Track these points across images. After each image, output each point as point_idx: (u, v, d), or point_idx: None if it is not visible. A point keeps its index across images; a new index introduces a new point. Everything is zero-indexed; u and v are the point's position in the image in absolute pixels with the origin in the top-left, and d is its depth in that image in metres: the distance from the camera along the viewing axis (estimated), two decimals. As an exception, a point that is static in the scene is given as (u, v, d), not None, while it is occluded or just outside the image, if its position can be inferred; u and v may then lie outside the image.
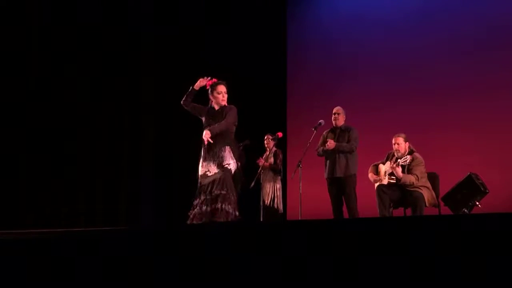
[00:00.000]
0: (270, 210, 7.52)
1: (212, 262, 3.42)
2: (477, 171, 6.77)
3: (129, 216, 8.42)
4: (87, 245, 3.92)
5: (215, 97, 5.48)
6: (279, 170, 7.73)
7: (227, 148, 5.35)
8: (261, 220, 7.38)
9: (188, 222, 5.21)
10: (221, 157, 5.30)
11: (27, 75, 7.97)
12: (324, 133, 6.90)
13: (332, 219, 6.34)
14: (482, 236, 2.80)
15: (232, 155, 5.36)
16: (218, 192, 5.19)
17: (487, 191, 6.56)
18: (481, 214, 4.85)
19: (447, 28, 8.04)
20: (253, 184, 6.48)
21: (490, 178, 6.77)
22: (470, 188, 6.57)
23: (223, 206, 5.15)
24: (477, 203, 6.51)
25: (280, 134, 7.22)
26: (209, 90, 5.52)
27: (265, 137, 7.77)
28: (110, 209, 8.38)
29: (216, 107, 5.48)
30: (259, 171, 7.00)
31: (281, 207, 7.65)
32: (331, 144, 6.59)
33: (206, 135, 5.27)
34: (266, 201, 7.55)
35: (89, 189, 8.36)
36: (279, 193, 7.65)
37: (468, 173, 6.65)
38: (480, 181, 6.60)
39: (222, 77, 5.65)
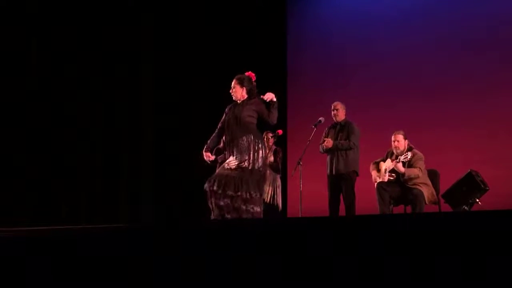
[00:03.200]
0: (270, 207, 7.51)
1: (212, 261, 3.42)
2: (478, 168, 6.75)
3: (129, 216, 8.42)
4: (87, 244, 3.92)
5: None
6: (279, 168, 7.73)
7: (245, 138, 5.33)
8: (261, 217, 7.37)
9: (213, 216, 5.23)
10: (238, 149, 5.28)
11: (27, 75, 7.97)
12: (326, 129, 6.89)
13: (332, 216, 6.34)
14: (482, 234, 2.80)
15: (245, 148, 5.29)
16: (231, 193, 5.21)
17: (487, 188, 6.55)
18: (481, 212, 4.85)
19: (448, 25, 8.02)
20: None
21: (490, 175, 6.76)
22: (470, 185, 6.55)
23: (235, 205, 5.18)
24: (477, 200, 6.50)
25: (280, 132, 7.20)
26: None
27: (264, 135, 7.76)
28: (110, 209, 8.38)
29: (238, 102, 5.51)
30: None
31: (280, 204, 7.65)
32: (328, 143, 6.60)
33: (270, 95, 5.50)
34: (265, 199, 7.53)
35: (89, 189, 8.36)
36: (278, 190, 7.64)
37: (469, 170, 6.64)
38: (480, 178, 6.58)
39: (221, 76, 5.65)
